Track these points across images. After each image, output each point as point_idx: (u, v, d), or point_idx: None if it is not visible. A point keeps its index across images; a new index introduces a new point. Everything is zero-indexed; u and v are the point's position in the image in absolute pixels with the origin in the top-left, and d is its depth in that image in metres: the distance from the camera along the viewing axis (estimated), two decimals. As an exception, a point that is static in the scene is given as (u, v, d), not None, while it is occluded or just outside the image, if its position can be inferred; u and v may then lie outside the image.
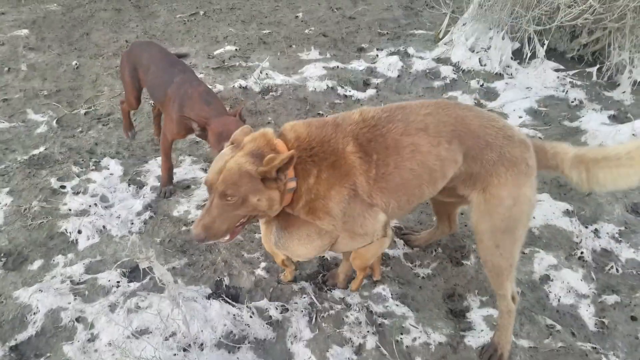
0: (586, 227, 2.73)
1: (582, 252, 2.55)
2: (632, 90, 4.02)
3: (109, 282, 2.32)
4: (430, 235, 2.59)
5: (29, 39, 5.10)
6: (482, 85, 4.19)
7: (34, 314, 2.16)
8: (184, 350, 1.97)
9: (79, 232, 2.62)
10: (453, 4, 5.05)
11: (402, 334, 2.14)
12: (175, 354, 1.94)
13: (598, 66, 4.27)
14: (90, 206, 2.80)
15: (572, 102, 3.93)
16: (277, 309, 2.23)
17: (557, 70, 4.29)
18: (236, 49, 4.90)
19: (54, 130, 3.60)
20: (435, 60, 4.55)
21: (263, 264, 2.47)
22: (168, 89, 2.71)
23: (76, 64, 4.59)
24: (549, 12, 4.14)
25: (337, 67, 4.56)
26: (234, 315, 2.16)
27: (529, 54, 4.36)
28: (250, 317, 2.16)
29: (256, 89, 4.18)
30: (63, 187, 2.98)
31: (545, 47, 4.30)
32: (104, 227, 2.67)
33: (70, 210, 2.79)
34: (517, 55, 4.44)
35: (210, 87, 3.01)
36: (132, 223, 2.73)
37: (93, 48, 4.90)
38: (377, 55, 4.72)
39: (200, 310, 2.12)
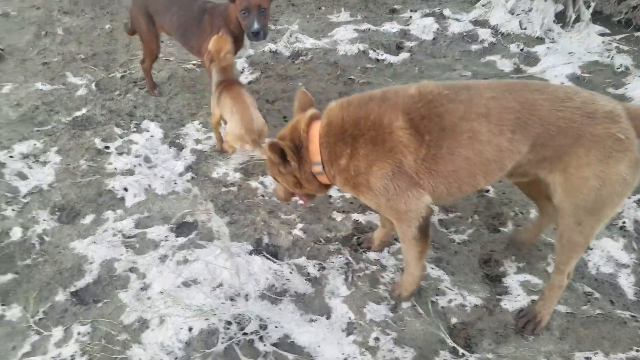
0: (629, 198, 2.68)
1: (624, 222, 2.52)
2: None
3: (158, 237, 2.44)
4: (538, 226, 2.34)
5: (62, 2, 5.14)
6: (522, 50, 4.04)
7: (90, 263, 2.30)
8: (231, 299, 2.08)
9: (126, 189, 2.74)
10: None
11: (437, 295, 2.19)
12: (222, 303, 2.05)
13: None
14: (134, 166, 2.90)
15: (618, 68, 3.77)
16: (314, 266, 2.31)
17: (602, 34, 4.10)
18: (267, 12, 4.84)
19: (94, 93, 3.69)
20: (472, 22, 4.40)
21: (300, 225, 2.54)
22: (202, 21, 2.90)
23: (109, 27, 4.63)
24: (597, -29, 3.92)
25: (369, 29, 4.45)
26: (274, 270, 2.25)
27: (573, 17, 4.16)
28: (290, 272, 2.25)
29: (286, 53, 4.15)
30: (107, 147, 3.09)
31: (591, 9, 4.09)
32: (149, 185, 2.78)
33: (116, 169, 2.90)
34: (560, 18, 4.24)
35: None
36: (175, 183, 2.82)
37: (125, 12, 4.90)
38: (411, 17, 4.59)
39: (244, 264, 2.22)
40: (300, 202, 2.22)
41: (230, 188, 2.80)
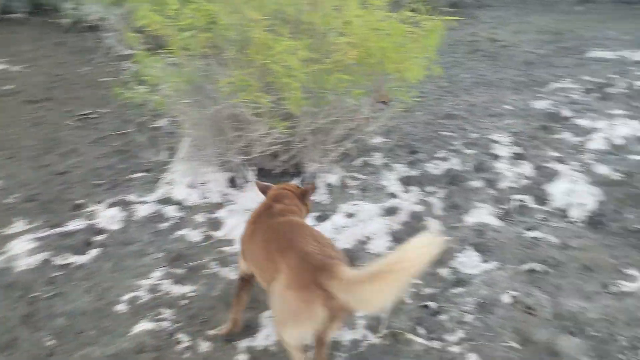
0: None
1: None
2: (327, 192, 4.96)
3: None
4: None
5: None
6: (208, 218, 4.48)
7: None
8: None
9: None
10: (168, 142, 5.41)
11: None
12: None
13: (302, 177, 5.10)
14: None
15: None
16: None
17: (266, 188, 4.99)
18: None
19: None
20: (158, 202, 4.65)
21: None
22: None
23: None
24: (248, 144, 4.85)
25: (52, 233, 4.15)
26: None
27: (242, 180, 4.95)
28: None
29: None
30: None
31: (253, 171, 4.97)
32: None
33: None
34: (234, 182, 4.99)
35: None
36: None
37: None
38: (96, 210, 4.52)
39: None
40: None
41: None
